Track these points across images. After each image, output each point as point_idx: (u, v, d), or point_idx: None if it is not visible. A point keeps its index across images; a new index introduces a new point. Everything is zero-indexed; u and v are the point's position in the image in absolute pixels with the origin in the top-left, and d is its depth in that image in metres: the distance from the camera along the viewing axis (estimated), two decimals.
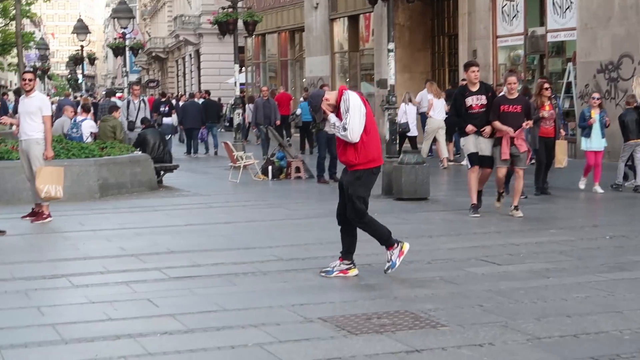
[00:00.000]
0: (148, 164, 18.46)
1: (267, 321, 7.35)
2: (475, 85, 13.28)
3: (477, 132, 13.20)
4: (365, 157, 9.04)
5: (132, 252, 10.79)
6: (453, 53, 30.63)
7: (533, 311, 7.59)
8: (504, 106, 13.17)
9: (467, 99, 13.22)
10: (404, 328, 7.09)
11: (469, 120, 13.19)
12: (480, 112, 13.17)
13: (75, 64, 76.15)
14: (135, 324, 7.32)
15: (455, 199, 16.03)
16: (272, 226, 13.02)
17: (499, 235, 11.73)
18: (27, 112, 13.70)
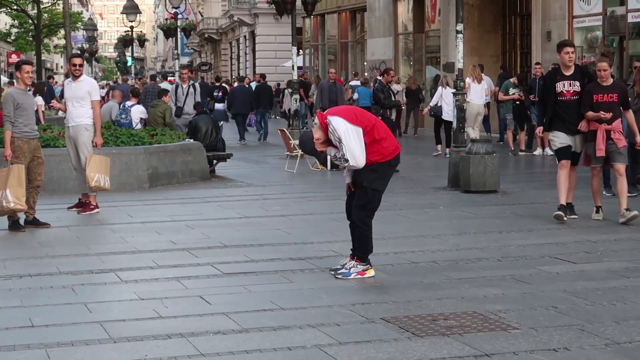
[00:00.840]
0: (200, 153, 18.56)
1: (326, 321, 7.36)
2: (569, 68, 12.24)
3: (567, 126, 12.17)
4: (382, 155, 8.97)
5: (183, 246, 10.87)
6: (525, 34, 30.32)
7: (612, 314, 7.51)
8: (598, 95, 12.08)
9: (558, 83, 12.17)
10: (472, 330, 7.06)
11: (557, 109, 12.17)
12: (572, 101, 12.12)
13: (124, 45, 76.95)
14: (187, 323, 7.37)
15: (527, 191, 15.92)
16: (330, 220, 13.01)
17: (575, 231, 11.62)
18: (75, 97, 13.84)
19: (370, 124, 8.91)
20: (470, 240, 11.12)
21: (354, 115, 8.87)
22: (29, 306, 8.03)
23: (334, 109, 9.22)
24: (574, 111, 12.12)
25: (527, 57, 30.08)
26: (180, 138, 18.88)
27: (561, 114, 12.16)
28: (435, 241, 11.02)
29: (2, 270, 9.61)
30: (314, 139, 8.92)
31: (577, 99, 12.11)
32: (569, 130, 12.18)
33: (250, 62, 61.58)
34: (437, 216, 13.36)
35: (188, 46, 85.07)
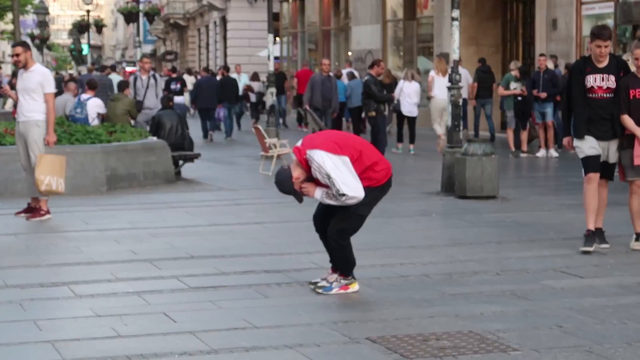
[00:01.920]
0: (164, 152, 18.54)
1: (305, 341, 7.38)
2: (602, 61, 10.86)
3: (598, 130, 10.90)
4: (375, 180, 8.89)
5: (146, 257, 10.87)
6: (528, 22, 30.48)
7: (623, 334, 7.55)
8: (636, 90, 10.78)
9: (589, 77, 10.82)
10: (467, 352, 7.09)
11: (586, 109, 10.86)
12: (605, 99, 10.81)
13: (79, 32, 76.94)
14: (149, 342, 7.37)
15: (530, 197, 16.00)
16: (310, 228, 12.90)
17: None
18: (26, 89, 13.75)
19: (356, 151, 8.68)
20: (466, 251, 11.15)
21: (336, 145, 8.61)
22: None
23: (310, 139, 8.85)
24: (607, 111, 10.83)
25: (530, 47, 30.22)
26: (142, 136, 18.85)
27: (591, 114, 10.86)
28: (428, 252, 11.05)
29: None
30: (293, 179, 8.71)
31: (612, 97, 10.81)
32: (601, 134, 10.88)
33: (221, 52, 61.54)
34: (429, 225, 13.40)
35: (151, 33, 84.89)
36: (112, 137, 18.32)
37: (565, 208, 14.61)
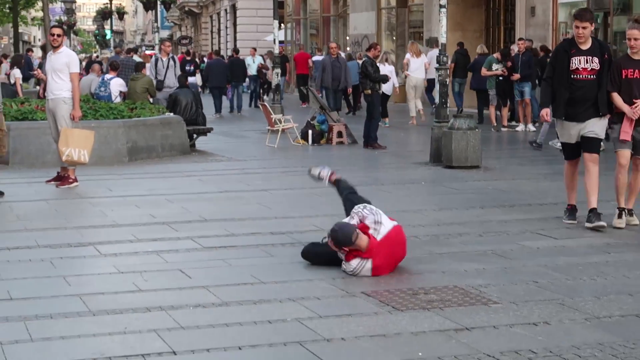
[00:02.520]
0: (180, 127, 18.55)
1: (307, 295, 7.41)
2: (583, 42, 10.12)
3: (578, 111, 10.15)
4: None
5: (163, 220, 10.88)
6: (509, 10, 30.36)
7: (592, 289, 7.57)
8: (628, 70, 10.10)
9: (573, 58, 10.06)
10: (452, 304, 7.11)
11: (568, 89, 10.12)
12: (589, 80, 10.06)
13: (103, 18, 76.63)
14: (167, 296, 7.40)
15: (509, 167, 16.00)
16: (311, 194, 13.04)
17: (556, 207, 11.66)
18: (54, 70, 13.79)
19: None
20: (452, 215, 11.17)
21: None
22: (7, 279, 8.03)
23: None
24: (590, 92, 10.08)
25: (510, 32, 30.10)
26: (160, 112, 18.84)
27: (573, 95, 10.12)
28: (417, 216, 11.07)
29: None
30: (353, 241, 8.10)
31: (595, 79, 10.08)
32: (579, 115, 10.16)
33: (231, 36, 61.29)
34: (418, 191, 13.42)
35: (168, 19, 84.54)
36: (132, 113, 18.31)
37: (541, 177, 14.62)
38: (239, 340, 6.22)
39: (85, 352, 5.97)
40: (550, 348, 6.00)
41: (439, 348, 6.03)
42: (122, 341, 6.22)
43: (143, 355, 5.91)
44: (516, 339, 6.22)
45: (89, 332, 6.42)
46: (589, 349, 5.99)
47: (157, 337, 6.29)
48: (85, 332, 6.44)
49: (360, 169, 16.24)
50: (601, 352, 5.92)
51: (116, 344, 6.15)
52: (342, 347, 6.08)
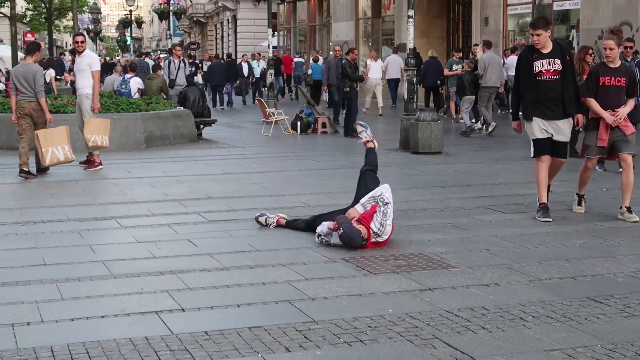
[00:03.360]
0: (189, 119, 18.50)
1: (295, 261, 7.39)
2: (545, 47, 9.22)
3: (546, 110, 9.23)
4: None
5: (174, 197, 10.84)
6: (467, 20, 30.32)
7: (535, 255, 7.57)
8: (605, 78, 9.19)
9: (536, 62, 9.17)
10: (418, 269, 7.10)
11: (538, 91, 9.18)
12: (553, 81, 9.15)
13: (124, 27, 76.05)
14: (177, 262, 7.37)
15: (467, 153, 15.97)
16: (300, 175, 13.03)
17: (506, 186, 11.68)
18: (79, 70, 13.79)
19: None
20: (418, 193, 11.16)
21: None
22: (42, 247, 7.99)
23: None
24: (555, 92, 9.15)
25: (467, 39, 30.06)
26: (172, 106, 18.77)
27: (539, 96, 9.19)
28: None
29: (19, 217, 9.55)
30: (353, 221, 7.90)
31: (559, 79, 9.15)
32: (550, 114, 9.21)
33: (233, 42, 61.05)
34: (389, 173, 13.36)
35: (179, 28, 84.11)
36: (149, 107, 18.23)
37: (493, 161, 14.62)
38: (238, 299, 6.20)
39: (107, 309, 5.94)
40: (500, 305, 5.99)
41: (406, 305, 6.02)
42: (139, 300, 6.19)
43: (156, 312, 5.88)
44: (471, 297, 6.21)
45: (110, 293, 6.38)
46: (533, 306, 5.99)
47: (169, 296, 6.26)
48: (108, 292, 6.40)
49: (341, 154, 16.21)
50: (543, 308, 5.92)
51: (134, 302, 6.11)
52: (324, 304, 6.06)
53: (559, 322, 5.59)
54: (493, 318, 5.70)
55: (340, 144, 18.33)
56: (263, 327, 5.52)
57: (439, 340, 5.25)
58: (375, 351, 5.08)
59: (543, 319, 5.67)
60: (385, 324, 5.58)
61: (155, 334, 5.41)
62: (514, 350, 5.07)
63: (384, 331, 5.43)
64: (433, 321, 5.64)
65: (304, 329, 5.48)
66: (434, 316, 5.75)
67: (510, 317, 5.71)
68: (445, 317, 5.73)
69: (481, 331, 5.42)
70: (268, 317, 5.74)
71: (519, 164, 14.21)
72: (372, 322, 5.63)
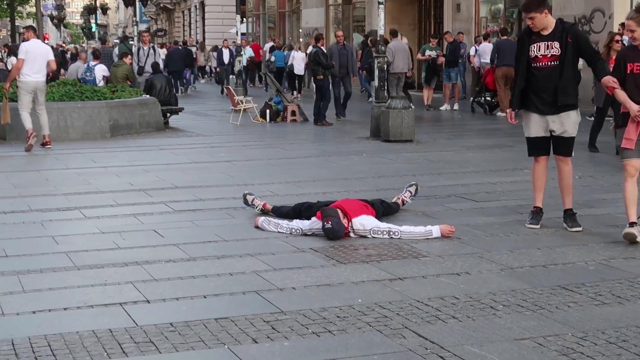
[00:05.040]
0: (155, 107, 18.42)
1: (263, 251, 7.37)
2: (546, 28, 8.08)
3: (541, 104, 8.14)
4: None
5: (140, 187, 10.79)
6: (438, 6, 30.35)
7: (506, 244, 7.60)
8: (634, 64, 7.63)
9: (532, 46, 8.08)
10: (388, 258, 7.11)
11: (532, 80, 8.14)
12: (549, 67, 8.04)
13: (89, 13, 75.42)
14: (142, 253, 7.33)
15: (438, 141, 16.02)
16: (269, 164, 13.00)
17: (477, 174, 11.72)
18: None
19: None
20: (388, 182, 11.16)
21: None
22: (3, 239, 7.91)
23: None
24: (551, 83, 8.06)
25: (439, 26, 30.13)
26: (138, 94, 18.67)
27: (534, 86, 8.15)
28: (358, 183, 11.06)
29: None
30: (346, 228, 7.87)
31: (557, 66, 8.03)
32: (546, 109, 8.14)
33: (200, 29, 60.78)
34: (360, 162, 13.39)
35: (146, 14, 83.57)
36: (114, 95, 18.13)
37: (465, 149, 14.67)
38: (204, 290, 6.17)
39: (70, 301, 5.89)
40: (470, 294, 6.01)
41: (376, 295, 6.02)
42: (103, 291, 6.15)
43: (121, 303, 5.84)
44: (442, 287, 6.22)
45: (74, 284, 6.33)
46: (504, 294, 6.01)
47: (134, 287, 6.22)
48: (71, 284, 6.35)
49: (311, 142, 16.21)
50: (514, 297, 5.94)
51: (97, 294, 6.07)
52: (292, 295, 6.05)
53: (529, 311, 5.62)
54: (463, 307, 5.71)
55: (310, 132, 18.32)
56: (230, 318, 5.51)
57: (408, 330, 5.26)
58: (344, 341, 5.08)
59: (514, 307, 5.70)
60: (354, 314, 5.58)
61: (119, 326, 5.37)
62: (485, 339, 5.09)
63: (353, 321, 5.44)
64: (403, 311, 5.64)
65: (272, 320, 5.47)
66: (403, 306, 5.75)
67: (480, 306, 5.73)
68: (415, 306, 5.74)
69: (451, 320, 5.44)
70: (235, 308, 5.72)
71: (491, 151, 14.27)
72: (341, 312, 5.63)
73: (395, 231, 7.84)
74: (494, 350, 4.91)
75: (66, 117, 16.50)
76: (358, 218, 7.95)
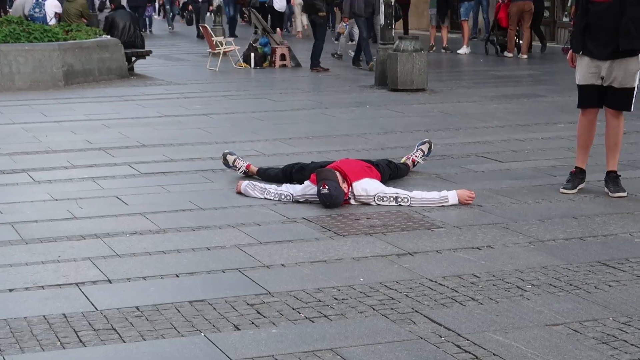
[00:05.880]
0: (118, 49, 18.36)
1: (247, 221, 7.38)
2: None
3: (597, 46, 7.97)
4: None
5: (100, 146, 10.79)
6: None
7: (537, 212, 7.61)
8: None
9: None
10: (395, 229, 7.12)
11: (590, 17, 7.95)
12: (606, 2, 7.82)
13: None
14: (102, 224, 7.33)
15: (455, 90, 16.01)
16: (253, 118, 12.99)
17: (503, 130, 11.73)
18: None
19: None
20: (396, 139, 11.17)
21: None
22: None
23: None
24: (608, 22, 7.85)
25: None
26: (96, 34, 18.60)
27: (590, 24, 7.95)
28: (360, 140, 11.05)
29: None
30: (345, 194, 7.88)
31: (616, 3, 7.78)
32: (599, 52, 7.98)
33: None
34: (363, 115, 13.38)
35: None
36: (68, 35, 18.06)
37: (487, 100, 14.66)
38: (177, 267, 6.19)
39: (17, 281, 5.90)
40: (493, 272, 6.03)
41: (381, 273, 6.04)
42: (56, 270, 6.16)
43: (77, 283, 5.85)
44: (459, 263, 6.24)
45: (21, 261, 6.34)
46: (532, 272, 6.03)
47: (92, 265, 6.23)
48: (18, 261, 6.36)
49: (303, 92, 16.20)
50: (545, 275, 5.96)
51: (49, 273, 6.08)
52: (282, 273, 6.07)
53: (563, 292, 5.64)
54: (485, 287, 5.73)
55: (303, 79, 18.29)
56: (207, 300, 5.52)
57: (419, 315, 5.28)
58: (343, 328, 5.10)
59: (545, 287, 5.72)
60: (356, 296, 5.60)
61: (75, 310, 5.39)
62: (510, 325, 5.11)
63: (353, 304, 5.46)
64: (413, 292, 5.66)
65: (257, 303, 5.49)
66: (413, 286, 5.77)
67: (505, 286, 5.75)
68: (428, 286, 5.76)
69: (470, 303, 5.46)
70: (213, 289, 5.74)
71: (519, 102, 14.27)
72: (339, 293, 5.65)
73: (405, 197, 7.85)
74: (521, 337, 4.93)
75: (11, 62, 16.44)
76: (360, 182, 7.96)
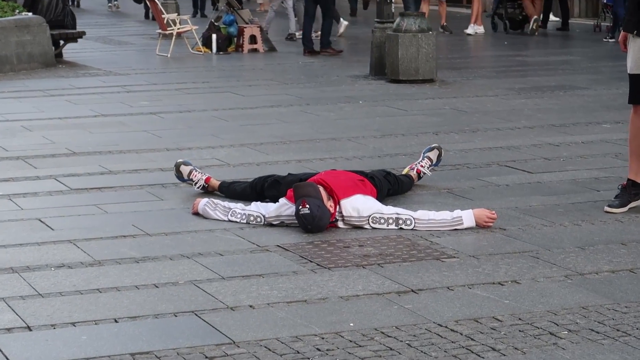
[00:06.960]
0: (42, 30, 18.36)
1: (206, 250, 7.39)
2: None
3: None
4: None
5: (18, 154, 10.80)
6: None
7: (575, 237, 7.63)
8: None
9: None
10: (395, 260, 7.13)
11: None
12: None
13: None
14: (21, 254, 7.33)
15: (472, 81, 16.07)
16: (214, 118, 13.01)
17: (532, 131, 11.76)
18: None
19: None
20: (397, 143, 11.20)
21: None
22: None
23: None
24: None
25: None
26: (14, 11, 18.60)
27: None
28: (351, 145, 11.07)
29: None
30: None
31: None
32: None
33: None
34: (354, 113, 13.40)
35: None
36: None
37: (513, 93, 14.70)
38: (116, 310, 6.19)
39: None
40: (519, 314, 6.05)
41: (376, 317, 6.05)
42: None
43: None
44: (476, 303, 6.25)
45: None
46: (570, 314, 6.05)
47: (7, 307, 6.24)
48: None
49: (280, 84, 16.19)
50: (585, 318, 5.98)
51: None
52: (250, 317, 6.07)
53: (608, 339, 5.66)
54: (508, 334, 5.75)
55: (278, 68, 18.31)
56: (154, 353, 5.53)
57: None
58: None
59: (585, 334, 5.74)
60: (344, 346, 5.61)
61: None
62: None
63: (341, 356, 5.46)
64: (417, 340, 5.68)
65: (218, 355, 5.50)
66: (418, 333, 5.79)
67: (534, 333, 5.77)
68: (436, 333, 5.78)
69: (490, 354, 5.47)
70: (162, 338, 5.75)
71: (552, 96, 14.30)
72: (323, 343, 5.66)
73: (407, 218, 7.86)
74: None
75: None
76: (350, 199, 7.96)
